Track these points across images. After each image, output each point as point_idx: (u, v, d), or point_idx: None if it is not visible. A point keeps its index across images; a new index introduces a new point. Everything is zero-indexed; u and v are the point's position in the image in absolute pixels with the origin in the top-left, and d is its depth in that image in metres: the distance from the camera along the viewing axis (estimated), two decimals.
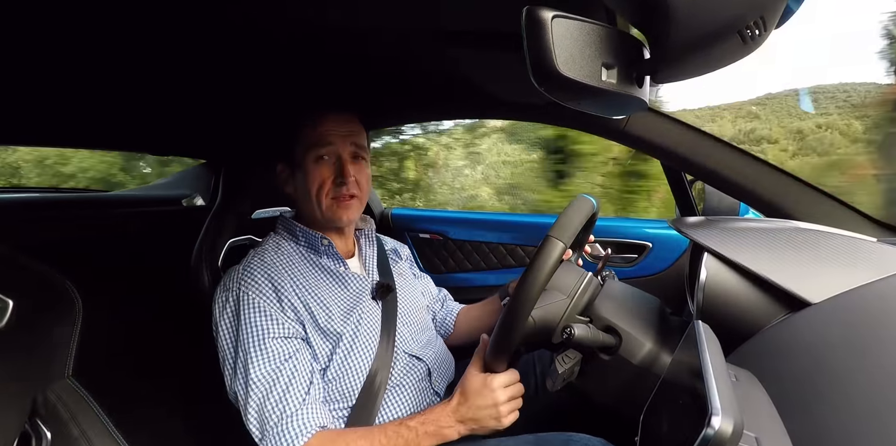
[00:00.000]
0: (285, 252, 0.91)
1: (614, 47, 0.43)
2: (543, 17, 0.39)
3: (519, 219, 1.70)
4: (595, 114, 0.53)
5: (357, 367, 0.86)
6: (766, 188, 0.92)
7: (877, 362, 0.51)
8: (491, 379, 0.76)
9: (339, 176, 0.90)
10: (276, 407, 0.75)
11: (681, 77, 0.49)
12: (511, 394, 0.76)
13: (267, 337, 0.79)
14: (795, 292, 0.67)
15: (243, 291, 0.82)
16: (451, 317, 1.18)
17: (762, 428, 0.43)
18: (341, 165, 0.90)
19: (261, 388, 0.76)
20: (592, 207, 0.74)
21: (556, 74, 0.40)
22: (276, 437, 0.74)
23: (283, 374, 0.77)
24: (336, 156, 0.91)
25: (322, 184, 0.90)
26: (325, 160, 0.90)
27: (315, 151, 0.90)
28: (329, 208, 0.91)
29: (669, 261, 1.39)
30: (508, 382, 0.76)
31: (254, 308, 0.81)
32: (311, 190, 0.90)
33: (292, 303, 0.83)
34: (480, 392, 0.76)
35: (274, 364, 0.78)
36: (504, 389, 0.76)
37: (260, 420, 0.75)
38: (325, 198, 0.90)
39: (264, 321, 0.80)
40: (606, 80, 0.43)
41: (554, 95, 0.43)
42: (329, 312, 0.86)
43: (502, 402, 0.75)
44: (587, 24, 0.41)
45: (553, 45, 0.39)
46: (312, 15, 0.66)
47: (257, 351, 0.78)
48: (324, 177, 0.90)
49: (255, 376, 0.77)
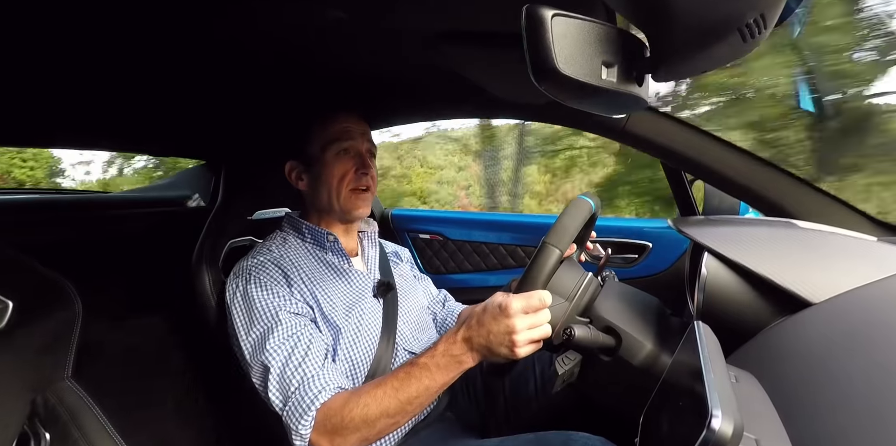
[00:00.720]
0: (291, 246, 0.95)
1: (614, 46, 0.43)
2: (543, 15, 0.38)
3: (519, 219, 1.70)
4: (595, 112, 0.53)
5: (358, 363, 0.87)
6: (767, 187, 0.92)
7: (878, 362, 0.50)
8: (508, 303, 0.67)
9: (360, 167, 0.95)
10: (296, 371, 0.76)
11: (681, 75, 0.49)
12: (532, 322, 0.67)
13: (281, 311, 0.82)
14: (796, 292, 0.67)
15: (254, 275, 0.85)
16: (453, 318, 1.18)
17: (762, 429, 0.43)
18: (362, 158, 0.95)
19: (280, 357, 0.77)
20: (590, 210, 0.75)
21: (555, 73, 0.40)
22: (298, 399, 0.74)
23: (301, 342, 0.79)
24: (356, 151, 0.95)
25: (344, 175, 0.94)
26: (346, 153, 0.95)
27: (337, 145, 0.94)
28: (347, 199, 0.95)
29: (669, 262, 1.39)
30: (529, 308, 0.67)
31: (265, 288, 0.84)
32: (332, 181, 0.94)
33: (300, 288, 0.87)
34: (496, 316, 0.68)
35: (288, 332, 0.80)
36: (523, 316, 0.67)
37: (282, 387, 0.76)
38: (345, 188, 0.94)
39: (276, 299, 0.83)
40: (606, 78, 0.43)
41: (554, 94, 0.43)
42: (333, 304, 0.89)
43: (519, 330, 0.66)
44: (587, 23, 0.41)
45: (553, 43, 0.39)
46: (312, 15, 0.66)
47: (273, 324, 0.80)
48: (346, 168, 0.94)
49: (271, 346, 0.78)
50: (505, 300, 0.68)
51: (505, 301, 0.68)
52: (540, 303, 0.67)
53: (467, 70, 0.87)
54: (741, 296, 0.72)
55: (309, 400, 0.73)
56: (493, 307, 0.69)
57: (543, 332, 0.68)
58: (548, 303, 0.68)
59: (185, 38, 0.72)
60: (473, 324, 0.70)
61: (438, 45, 0.75)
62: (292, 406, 0.74)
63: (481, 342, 0.69)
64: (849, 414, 0.46)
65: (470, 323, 0.71)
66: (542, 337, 0.68)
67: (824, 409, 0.48)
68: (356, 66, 0.91)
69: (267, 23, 0.69)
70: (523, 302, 0.67)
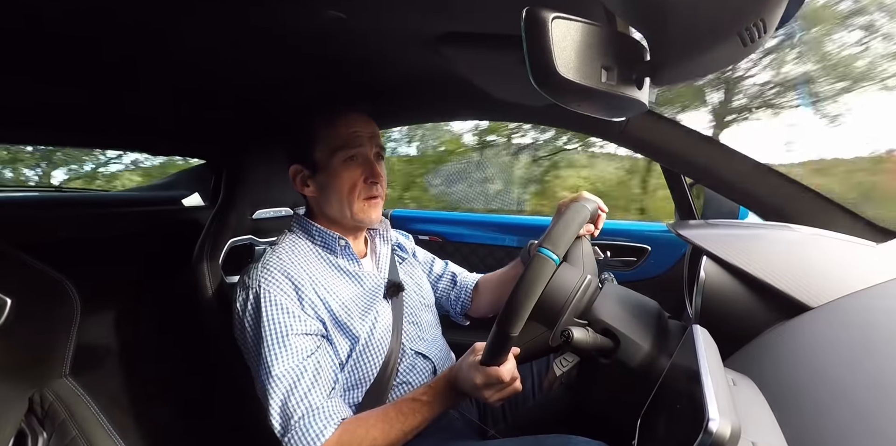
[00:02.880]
0: (301, 251, 0.92)
1: (614, 49, 0.43)
2: (543, 17, 0.39)
3: (517, 220, 1.70)
4: (595, 115, 0.53)
5: (370, 365, 0.87)
6: (766, 192, 0.91)
7: (875, 366, 0.50)
8: (475, 380, 0.75)
9: (370, 176, 0.91)
10: (301, 401, 0.76)
11: (681, 79, 0.49)
12: (499, 388, 0.76)
13: (290, 334, 0.80)
14: (794, 296, 0.67)
15: (263, 288, 0.83)
16: (467, 293, 1.17)
17: (760, 432, 0.43)
18: (371, 165, 0.91)
19: (285, 384, 0.77)
20: (586, 216, 0.76)
21: (555, 76, 0.40)
22: (302, 430, 0.74)
23: (308, 370, 0.78)
24: (364, 157, 0.91)
25: (354, 185, 0.90)
26: (354, 161, 0.90)
27: (345, 152, 0.90)
28: (360, 209, 0.92)
29: (668, 265, 1.39)
30: (489, 382, 0.74)
31: (274, 305, 0.82)
32: (342, 191, 0.90)
33: (312, 301, 0.84)
34: (469, 382, 0.76)
35: (297, 359, 0.79)
36: (490, 387, 0.75)
37: (283, 415, 0.76)
38: (357, 199, 0.91)
39: (286, 318, 0.81)
40: (606, 81, 0.43)
41: (553, 97, 0.43)
42: (348, 311, 0.87)
43: (487, 396, 0.75)
44: (587, 26, 0.41)
45: (553, 46, 0.39)
46: (313, 15, 0.66)
47: (280, 348, 0.79)
48: (355, 177, 0.90)
49: (278, 372, 0.77)
50: (472, 374, 0.75)
51: (472, 376, 0.75)
52: (499, 380, 0.74)
53: (468, 72, 0.87)
54: (739, 300, 0.72)
55: (314, 434, 0.74)
56: (466, 375, 0.76)
57: (511, 392, 0.77)
58: (507, 377, 0.74)
59: (187, 37, 0.72)
60: (454, 376, 0.79)
61: (438, 47, 0.75)
62: (296, 436, 0.74)
63: (462, 390, 0.78)
64: (846, 417, 0.46)
65: (454, 372, 0.80)
66: (510, 395, 0.77)
67: (822, 413, 0.48)
68: (355, 66, 0.91)
69: (267, 22, 0.69)
70: (485, 379, 0.74)
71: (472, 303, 1.17)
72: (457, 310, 1.17)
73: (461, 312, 1.17)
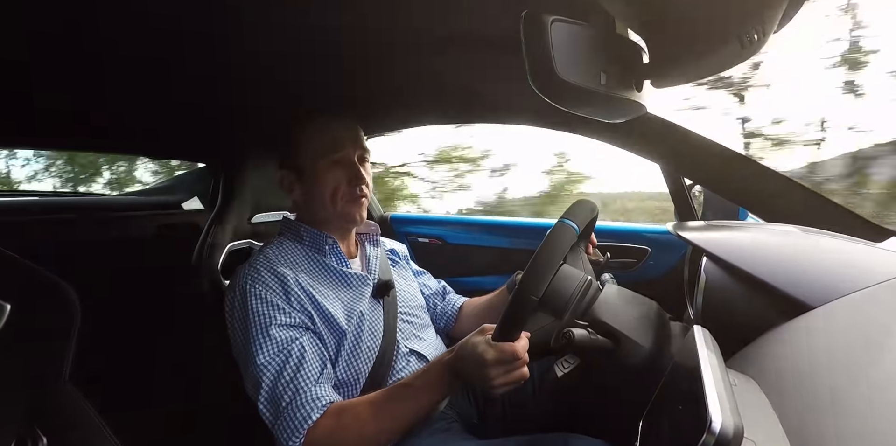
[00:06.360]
0: (289, 251, 0.93)
1: (613, 52, 0.44)
2: (542, 21, 0.39)
3: (517, 223, 1.70)
4: (594, 118, 0.53)
5: (362, 363, 0.87)
6: (766, 192, 0.92)
7: (877, 366, 0.50)
8: (484, 355, 0.69)
9: (353, 178, 0.93)
10: (288, 386, 0.76)
11: (679, 81, 0.50)
12: (507, 369, 0.69)
13: (273, 324, 0.81)
14: (795, 296, 0.67)
15: (249, 284, 0.84)
16: (453, 309, 1.18)
17: (762, 433, 0.43)
18: (354, 168, 0.93)
19: (271, 371, 0.77)
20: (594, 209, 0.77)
21: (555, 79, 0.40)
22: (290, 414, 0.74)
23: (293, 355, 0.79)
24: (348, 160, 0.93)
25: (337, 188, 0.93)
26: (338, 164, 0.92)
27: (328, 157, 0.92)
28: (343, 209, 0.94)
29: (668, 266, 1.39)
30: (504, 359, 0.69)
31: (259, 299, 0.83)
32: (325, 194, 0.92)
33: (298, 295, 0.85)
34: (475, 361, 0.70)
35: (279, 347, 0.79)
36: (499, 366, 0.69)
37: (272, 401, 0.76)
38: (341, 201, 0.93)
39: (270, 310, 0.82)
40: (605, 84, 0.43)
41: (553, 99, 0.44)
42: (335, 308, 0.88)
43: (493, 378, 0.69)
44: (586, 29, 0.41)
45: (552, 49, 0.39)
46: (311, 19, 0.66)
47: (265, 337, 0.79)
48: (338, 181, 0.92)
49: (263, 361, 0.78)
50: (483, 349, 0.69)
51: (482, 351, 0.69)
52: (513, 356, 0.69)
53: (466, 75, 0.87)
54: (740, 301, 0.72)
55: (301, 417, 0.74)
56: (473, 351, 0.71)
57: (519, 376, 0.71)
58: (522, 354, 0.70)
59: (186, 40, 0.73)
60: (457, 356, 0.74)
61: (436, 50, 0.75)
62: (284, 422, 0.74)
63: (462, 373, 0.73)
64: (848, 418, 0.46)
65: (457, 352, 0.75)
66: (517, 380, 0.71)
67: (824, 413, 0.48)
68: (355, 70, 0.92)
69: (266, 26, 0.69)
70: (498, 355, 0.69)
71: (456, 323, 1.17)
72: (440, 325, 1.16)
73: (444, 329, 1.17)
